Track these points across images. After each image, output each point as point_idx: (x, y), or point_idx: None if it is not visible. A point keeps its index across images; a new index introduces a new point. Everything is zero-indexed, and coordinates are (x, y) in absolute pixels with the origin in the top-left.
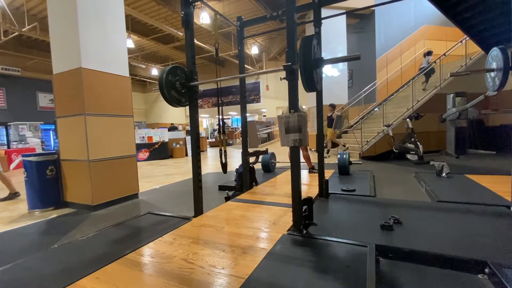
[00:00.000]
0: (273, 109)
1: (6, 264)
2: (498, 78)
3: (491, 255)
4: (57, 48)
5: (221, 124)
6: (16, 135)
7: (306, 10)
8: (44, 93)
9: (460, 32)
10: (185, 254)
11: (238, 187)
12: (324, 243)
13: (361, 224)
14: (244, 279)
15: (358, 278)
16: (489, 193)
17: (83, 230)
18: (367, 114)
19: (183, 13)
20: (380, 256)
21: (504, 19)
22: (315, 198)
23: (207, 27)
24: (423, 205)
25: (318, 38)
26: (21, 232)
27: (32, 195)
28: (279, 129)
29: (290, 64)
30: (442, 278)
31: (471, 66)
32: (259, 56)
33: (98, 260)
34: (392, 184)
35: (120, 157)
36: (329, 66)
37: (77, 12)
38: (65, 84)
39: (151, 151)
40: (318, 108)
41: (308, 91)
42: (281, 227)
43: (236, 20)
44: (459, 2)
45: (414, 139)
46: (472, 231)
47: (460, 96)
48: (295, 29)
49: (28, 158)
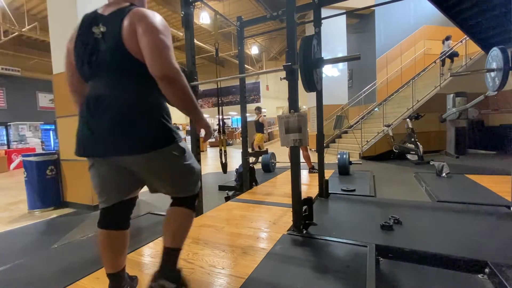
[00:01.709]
0: (273, 109)
1: (6, 264)
2: (498, 78)
3: (491, 255)
4: (57, 48)
5: (221, 124)
6: (16, 135)
7: (306, 10)
8: (44, 93)
9: (460, 32)
10: (185, 254)
11: (238, 187)
12: (324, 243)
13: (361, 224)
14: (244, 279)
15: (358, 278)
16: (489, 193)
17: (83, 230)
18: (367, 114)
19: (183, 13)
20: (380, 256)
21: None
22: (315, 198)
23: (207, 27)
24: (423, 205)
25: (318, 38)
26: (21, 232)
27: (32, 195)
28: (279, 129)
29: (290, 64)
30: (442, 278)
31: (471, 66)
32: (259, 56)
33: (98, 260)
34: (392, 184)
35: None
36: (329, 66)
37: (77, 12)
38: (65, 84)
39: None
40: (318, 108)
41: (308, 91)
42: (281, 227)
43: (236, 20)
44: (459, 2)
45: (414, 139)
46: (472, 231)
47: (460, 96)
48: (295, 29)
49: (28, 158)
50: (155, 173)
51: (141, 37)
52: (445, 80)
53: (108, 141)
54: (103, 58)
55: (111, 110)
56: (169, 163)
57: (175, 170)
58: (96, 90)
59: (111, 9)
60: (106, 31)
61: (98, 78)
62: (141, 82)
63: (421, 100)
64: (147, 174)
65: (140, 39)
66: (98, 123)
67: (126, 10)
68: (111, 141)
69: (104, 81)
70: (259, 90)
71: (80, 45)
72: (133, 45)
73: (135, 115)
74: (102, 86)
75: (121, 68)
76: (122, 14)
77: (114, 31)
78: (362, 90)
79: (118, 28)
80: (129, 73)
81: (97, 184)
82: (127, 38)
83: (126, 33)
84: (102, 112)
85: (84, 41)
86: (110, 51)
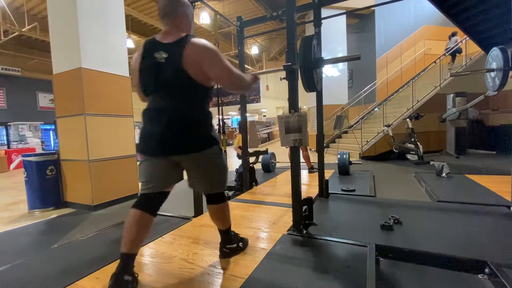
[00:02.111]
0: (273, 109)
1: (6, 264)
2: (498, 78)
3: (491, 255)
4: (57, 48)
5: (221, 124)
6: (16, 135)
7: (306, 10)
8: (44, 93)
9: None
10: (185, 254)
11: (238, 187)
12: (324, 243)
13: (361, 224)
14: (244, 279)
15: (358, 278)
16: (489, 193)
17: (83, 230)
18: (367, 114)
19: None
20: (380, 256)
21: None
22: (315, 198)
23: (207, 27)
24: (423, 205)
25: (318, 38)
26: (21, 232)
27: (32, 195)
28: (279, 129)
29: (290, 64)
30: (442, 278)
31: (471, 66)
32: (259, 56)
33: (98, 260)
34: (392, 184)
35: (120, 157)
36: (329, 66)
37: (77, 12)
38: (65, 84)
39: None
40: (318, 108)
41: (308, 91)
42: (281, 227)
43: (236, 20)
44: (459, 2)
45: (414, 139)
46: (472, 231)
47: (460, 96)
48: (295, 29)
49: (28, 158)
50: (199, 167)
51: (211, 66)
52: (445, 80)
53: (168, 143)
54: (166, 78)
55: (171, 120)
56: (211, 159)
57: (213, 166)
58: (158, 103)
59: (171, 38)
60: (168, 57)
61: (160, 94)
62: (195, 98)
63: (421, 100)
64: (193, 169)
65: (210, 67)
66: (160, 129)
67: (185, 41)
68: (171, 143)
69: (165, 97)
70: (259, 90)
71: (144, 67)
72: (193, 69)
73: (190, 124)
74: (163, 100)
75: (180, 87)
76: (182, 43)
77: (176, 58)
78: (362, 90)
79: (179, 56)
80: (186, 91)
81: (147, 174)
82: (188, 64)
83: (187, 60)
84: (164, 121)
85: (148, 64)
86: (172, 74)
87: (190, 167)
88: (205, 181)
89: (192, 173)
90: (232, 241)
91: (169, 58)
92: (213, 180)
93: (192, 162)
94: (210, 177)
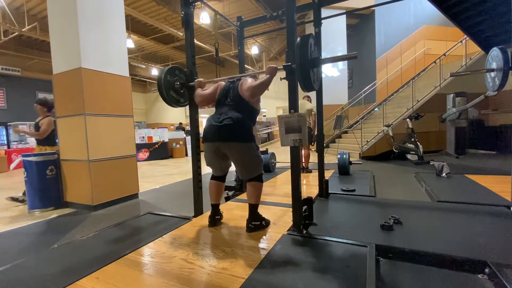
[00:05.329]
0: (273, 109)
1: (6, 264)
2: (498, 78)
3: (491, 255)
4: (57, 48)
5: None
6: (16, 135)
7: (306, 10)
8: (44, 93)
9: (460, 32)
10: (185, 254)
11: (238, 187)
12: (324, 243)
13: (361, 224)
14: (244, 279)
15: (358, 278)
16: (489, 193)
17: (83, 230)
18: (367, 114)
19: (183, 13)
20: (380, 256)
21: (504, 19)
22: (315, 198)
23: (207, 27)
24: (423, 205)
25: (317, 37)
26: (21, 232)
27: (32, 195)
28: (279, 129)
29: (290, 64)
30: (442, 278)
31: (471, 66)
32: (259, 56)
33: (98, 260)
34: (392, 184)
35: (120, 157)
36: (329, 66)
37: (77, 12)
38: (65, 84)
39: (151, 151)
40: (318, 108)
41: (305, 90)
42: (281, 227)
43: (236, 20)
44: (459, 2)
45: (414, 139)
46: (472, 231)
47: (460, 96)
48: (295, 29)
49: (28, 158)
50: (239, 156)
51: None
52: (445, 80)
53: (224, 134)
54: (231, 97)
55: (229, 121)
56: (248, 151)
57: (250, 156)
58: (222, 110)
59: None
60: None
61: (224, 105)
62: (244, 109)
63: (421, 100)
64: (235, 157)
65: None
66: (221, 126)
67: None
68: (226, 134)
69: (227, 107)
70: None
71: (223, 92)
72: (242, 92)
73: (240, 125)
74: (226, 109)
75: (236, 102)
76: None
77: (236, 87)
78: (362, 90)
79: (237, 86)
80: (239, 105)
81: (209, 162)
82: (240, 89)
83: (240, 87)
84: (225, 121)
85: (226, 89)
86: (234, 94)
87: (233, 155)
88: (245, 167)
89: (235, 160)
90: (257, 219)
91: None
92: (250, 167)
93: (235, 151)
94: (248, 165)
